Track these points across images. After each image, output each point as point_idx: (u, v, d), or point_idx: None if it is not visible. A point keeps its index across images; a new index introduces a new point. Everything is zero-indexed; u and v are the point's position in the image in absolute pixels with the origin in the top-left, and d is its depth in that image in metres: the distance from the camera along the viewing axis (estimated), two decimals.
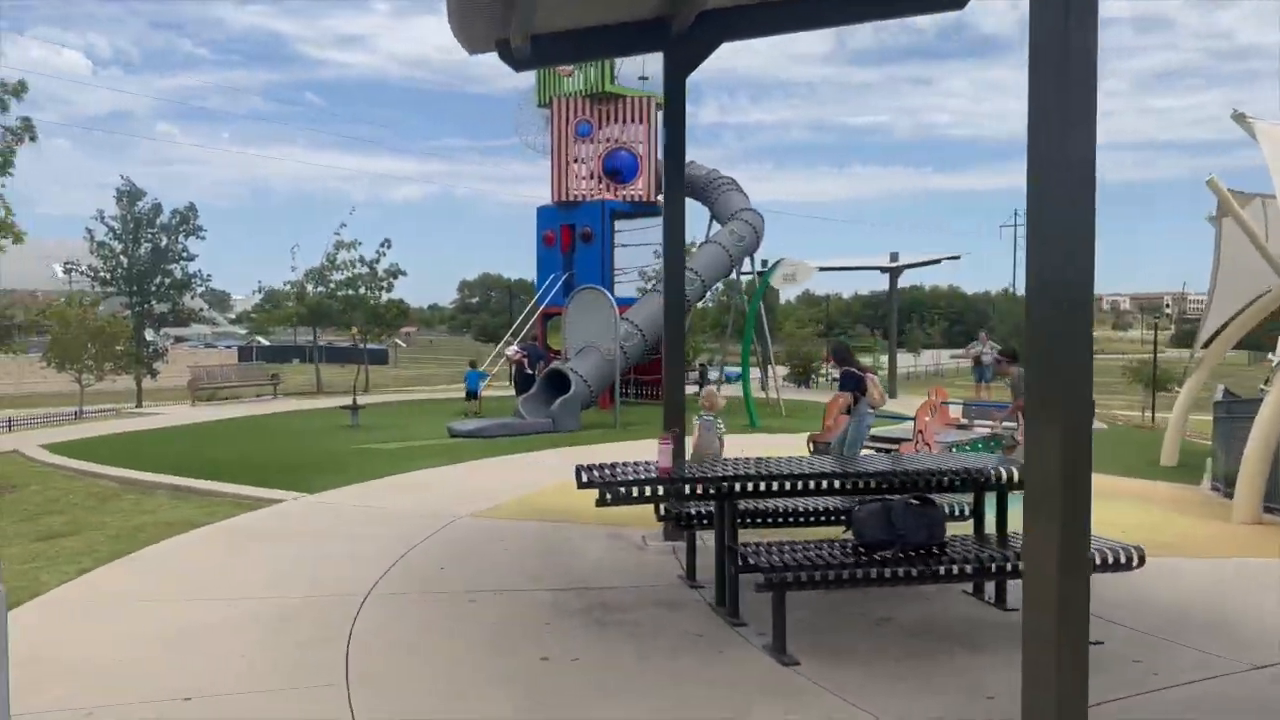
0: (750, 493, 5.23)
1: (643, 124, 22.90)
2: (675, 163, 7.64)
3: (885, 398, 9.48)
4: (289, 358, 69.61)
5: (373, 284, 28.25)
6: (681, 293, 7.49)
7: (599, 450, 14.29)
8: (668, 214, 7.50)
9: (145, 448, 15.15)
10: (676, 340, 7.56)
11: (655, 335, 20.00)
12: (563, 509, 9.10)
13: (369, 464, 12.44)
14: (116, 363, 26.58)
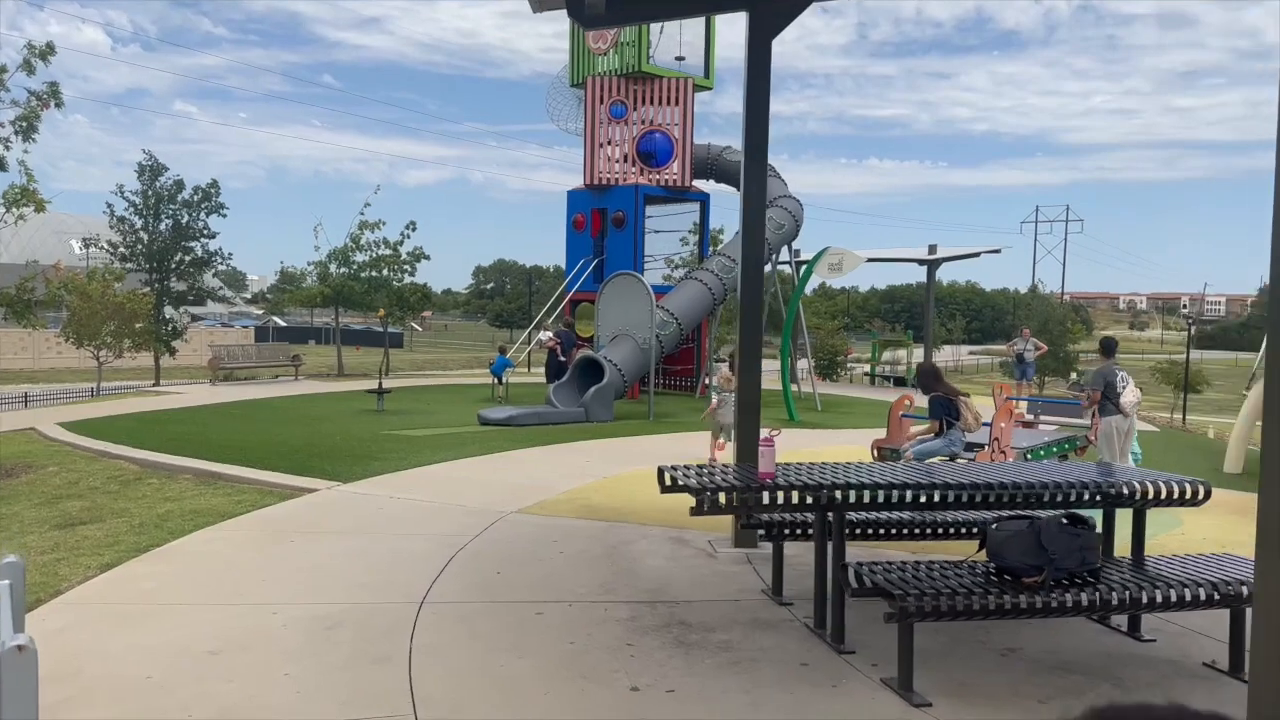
0: (866, 504, 4.60)
1: (678, 106, 22.19)
2: (756, 140, 6.93)
3: (980, 421, 8.82)
4: (305, 339, 69.34)
5: (396, 266, 27.69)
6: (760, 278, 6.85)
7: (637, 444, 13.69)
8: (748, 197, 6.82)
9: (166, 428, 14.63)
10: (754, 329, 6.91)
11: (690, 324, 19.38)
12: (615, 507, 8.50)
13: (400, 452, 11.87)
14: (135, 340, 26.15)
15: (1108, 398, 9.73)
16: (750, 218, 6.73)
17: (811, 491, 4.58)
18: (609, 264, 22.37)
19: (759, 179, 6.81)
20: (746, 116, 6.72)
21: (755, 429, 6.83)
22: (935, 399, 8.71)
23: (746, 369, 6.92)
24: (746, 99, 6.78)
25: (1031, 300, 45.01)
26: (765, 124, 6.81)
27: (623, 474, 10.50)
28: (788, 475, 4.83)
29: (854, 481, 4.59)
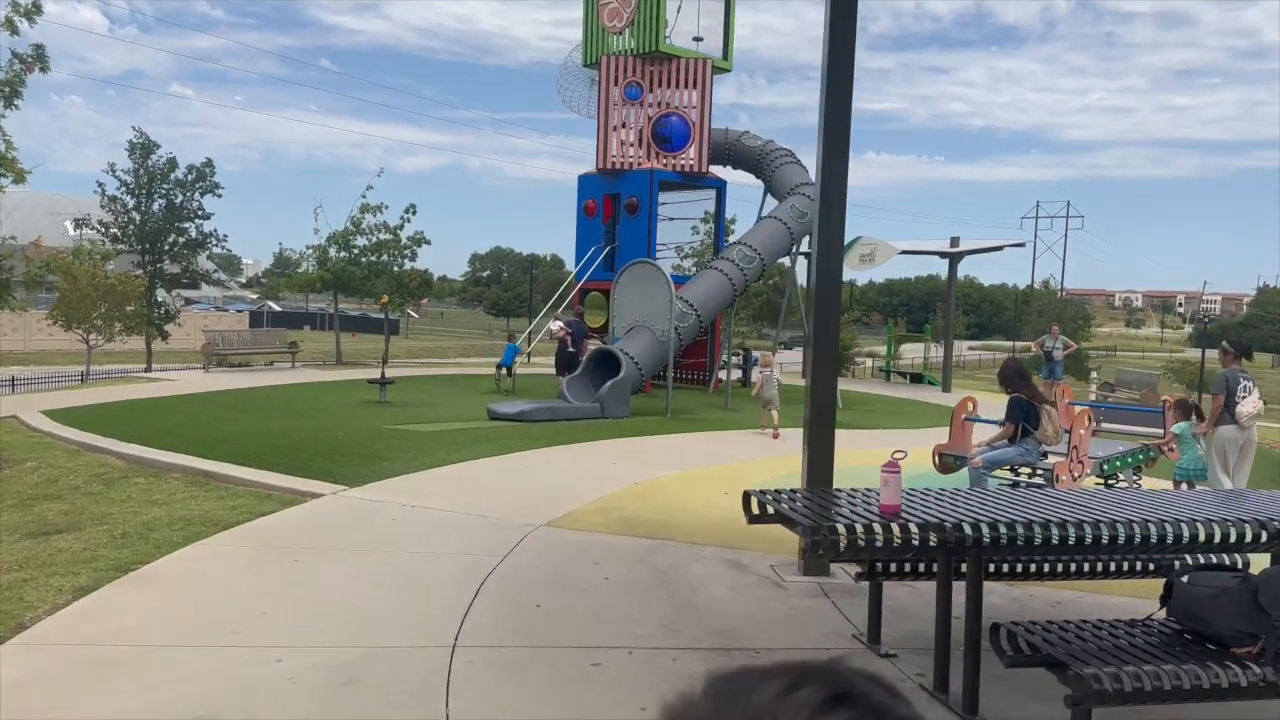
0: (1017, 545, 3.72)
1: (696, 88, 21.25)
2: (837, 108, 5.91)
3: (1061, 433, 7.95)
4: (301, 324, 68.36)
5: (396, 251, 26.71)
6: (838, 271, 5.95)
7: (660, 443, 12.82)
8: (827, 175, 5.87)
9: (156, 418, 13.72)
10: (828, 321, 5.99)
11: (710, 316, 18.50)
12: (655, 520, 7.63)
13: (409, 450, 10.98)
14: (127, 323, 25.20)
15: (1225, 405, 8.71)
16: (829, 197, 5.82)
17: (951, 534, 3.69)
18: (621, 252, 21.45)
19: (839, 152, 5.88)
20: (827, 78, 5.79)
21: (829, 441, 5.95)
22: (1015, 401, 7.85)
23: (821, 373, 6.03)
24: (827, 59, 5.85)
25: (1044, 297, 44.13)
26: (848, 83, 5.86)
27: (654, 479, 9.63)
28: (928, 514, 3.93)
29: (1005, 520, 3.71)
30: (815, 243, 5.90)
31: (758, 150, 22.24)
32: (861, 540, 3.61)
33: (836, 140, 5.76)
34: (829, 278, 5.86)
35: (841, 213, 5.87)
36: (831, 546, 3.59)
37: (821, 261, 5.83)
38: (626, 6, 21.28)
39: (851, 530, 3.62)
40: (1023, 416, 7.77)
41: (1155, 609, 3.78)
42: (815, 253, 5.87)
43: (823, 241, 5.82)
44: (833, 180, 5.79)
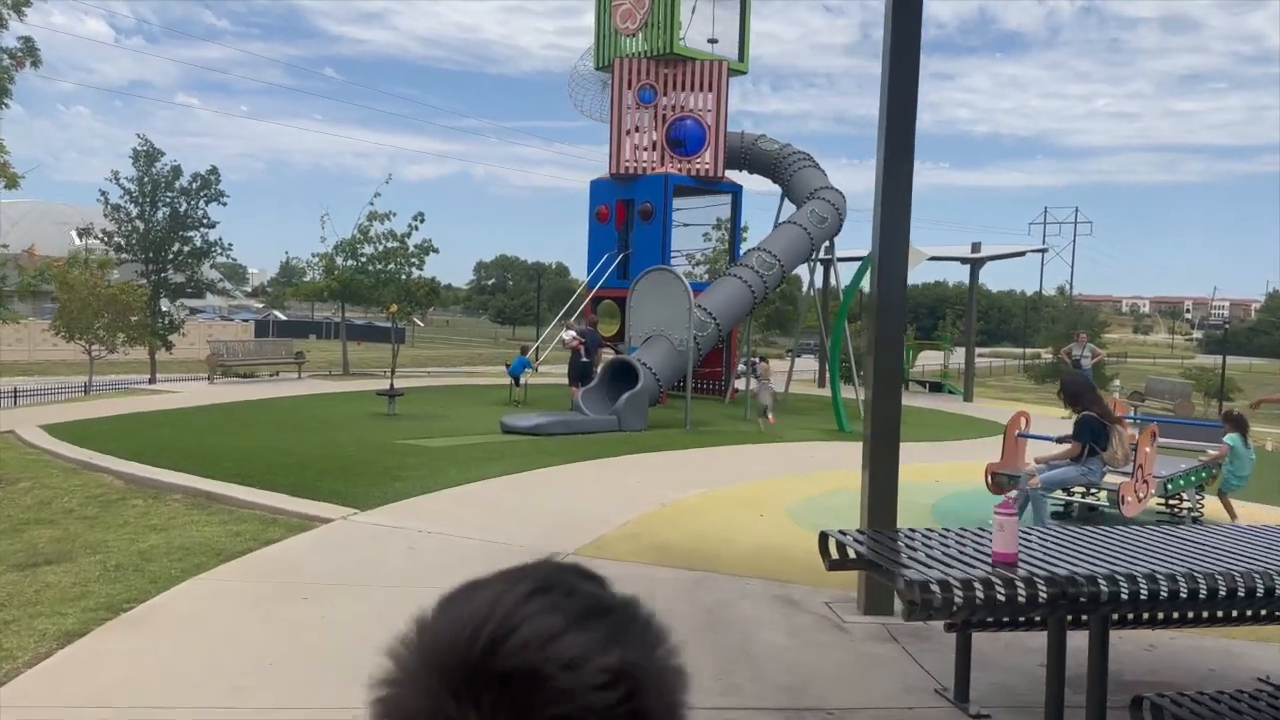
0: (1159, 600, 3.16)
1: (711, 91, 20.73)
2: (901, 101, 5.30)
3: (1130, 456, 7.39)
4: (307, 333, 67.99)
5: (404, 259, 26.21)
6: (903, 271, 5.38)
7: (684, 459, 12.26)
8: (889, 172, 5.30)
9: (159, 433, 13.20)
10: (892, 334, 5.42)
11: (729, 324, 17.95)
12: (692, 548, 7.07)
13: (422, 468, 10.44)
14: (130, 334, 24.72)
15: None
16: (893, 202, 5.24)
17: (1085, 590, 3.12)
18: (635, 258, 20.92)
19: (903, 153, 5.30)
20: (889, 74, 5.23)
21: (892, 466, 5.38)
22: (1085, 420, 7.28)
23: (884, 391, 5.45)
24: (889, 53, 5.29)
25: (1057, 304, 43.48)
26: (913, 78, 5.30)
27: (683, 499, 9.07)
28: (1044, 570, 3.36)
29: (1143, 571, 3.15)
30: (877, 250, 5.34)
31: (775, 154, 21.70)
32: (979, 598, 3.05)
33: (899, 140, 5.22)
34: (893, 287, 5.30)
35: (905, 219, 5.31)
36: (943, 607, 3.04)
37: (885, 270, 5.28)
38: (640, 8, 20.78)
39: (968, 587, 3.06)
40: (1092, 436, 7.21)
41: None
42: (878, 260, 5.31)
43: (886, 249, 5.27)
44: (896, 184, 5.24)
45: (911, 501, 9.46)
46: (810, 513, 8.62)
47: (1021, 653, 4.73)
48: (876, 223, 5.31)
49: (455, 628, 0.63)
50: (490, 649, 0.60)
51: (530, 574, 0.67)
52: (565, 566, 0.69)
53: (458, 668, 0.60)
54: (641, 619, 0.67)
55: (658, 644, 0.67)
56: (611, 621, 0.64)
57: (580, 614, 0.63)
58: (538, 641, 0.60)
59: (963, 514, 8.95)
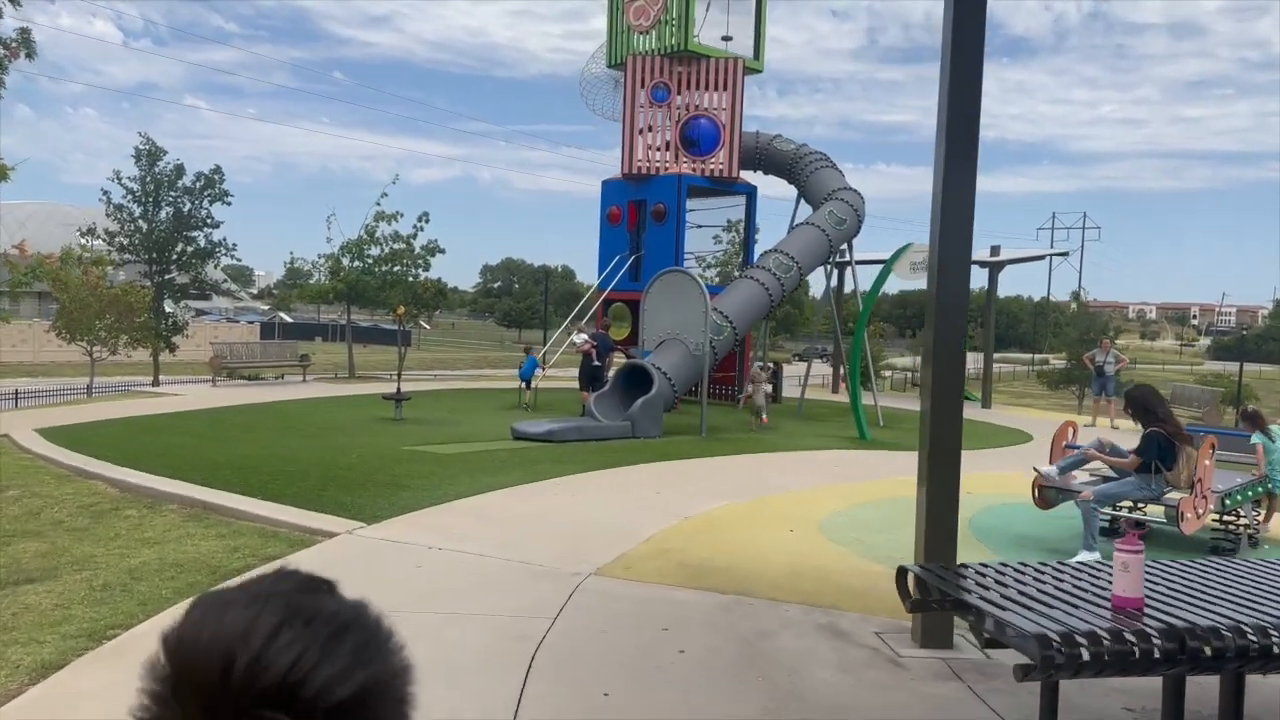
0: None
1: (726, 90, 20.25)
2: (964, 88, 4.77)
3: (1194, 480, 6.89)
4: (312, 335, 67.67)
5: (410, 260, 25.76)
6: (964, 275, 4.87)
7: (702, 468, 11.77)
8: (951, 169, 4.76)
9: (158, 438, 12.76)
10: (952, 343, 4.90)
11: (745, 328, 17.46)
12: (722, 566, 6.58)
13: (431, 477, 9.96)
14: (133, 335, 24.30)
15: None
16: (954, 201, 4.73)
17: (1232, 644, 2.62)
18: (647, 260, 20.46)
19: (964, 150, 4.79)
20: (951, 59, 4.74)
21: (953, 488, 4.88)
22: (1153, 436, 6.76)
23: (943, 405, 4.93)
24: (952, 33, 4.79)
25: (1071, 310, 42.92)
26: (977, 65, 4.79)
27: (706, 512, 8.58)
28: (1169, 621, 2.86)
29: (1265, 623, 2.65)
30: (937, 251, 4.84)
31: (791, 154, 21.21)
32: (1107, 655, 2.56)
33: (962, 135, 4.72)
34: (955, 291, 4.81)
35: (968, 219, 4.82)
36: (1067, 665, 2.54)
37: (946, 273, 4.78)
38: (654, 4, 20.33)
39: (1094, 641, 2.57)
40: (1158, 455, 6.70)
41: None
42: (938, 263, 4.82)
43: (947, 250, 4.78)
44: (959, 180, 4.74)
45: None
46: (843, 527, 8.13)
47: (1103, 693, 4.24)
48: (935, 224, 4.82)
49: (209, 659, 0.67)
50: (246, 683, 0.65)
51: (275, 598, 0.71)
52: (303, 583, 0.75)
53: (216, 697, 0.65)
54: (377, 630, 0.74)
55: (393, 651, 0.74)
56: (353, 642, 0.71)
57: (325, 640, 0.69)
58: (293, 676, 0.66)
59: (1002, 529, 8.46)
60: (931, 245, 4.94)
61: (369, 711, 0.69)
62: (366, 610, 0.75)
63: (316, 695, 0.66)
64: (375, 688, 0.70)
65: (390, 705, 0.72)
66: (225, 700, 0.65)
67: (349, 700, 0.67)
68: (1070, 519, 8.38)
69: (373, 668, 0.70)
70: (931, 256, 4.89)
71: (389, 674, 0.72)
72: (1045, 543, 7.93)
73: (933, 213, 4.92)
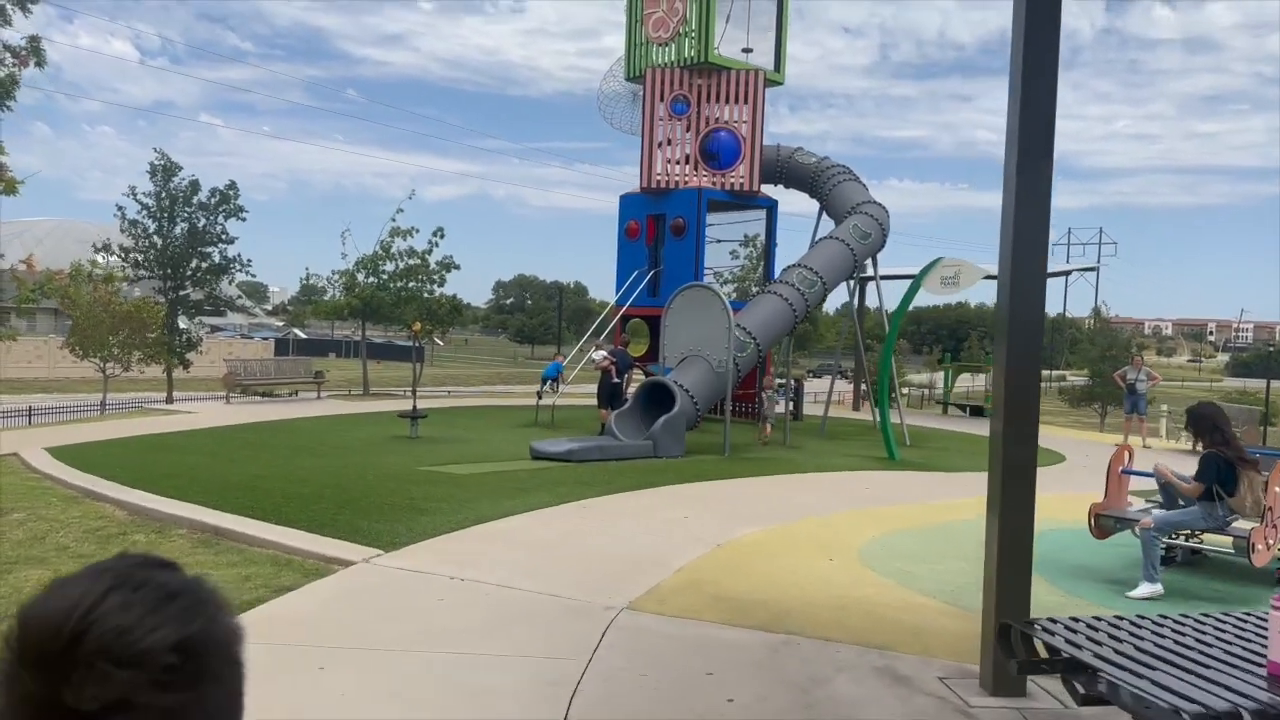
0: None
1: (747, 103, 19.94)
2: (1038, 79, 4.33)
3: (1260, 505, 6.47)
4: (326, 351, 67.62)
5: (425, 276, 25.50)
6: (1040, 285, 4.46)
7: (729, 490, 11.36)
8: (1025, 169, 4.35)
9: (169, 457, 12.45)
10: (1027, 360, 4.49)
11: (769, 344, 17.06)
12: (762, 599, 6.17)
13: (450, 499, 9.59)
14: (147, 351, 24.11)
15: None
16: (1028, 207, 4.32)
17: None
18: (666, 275, 20.12)
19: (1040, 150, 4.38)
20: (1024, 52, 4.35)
21: (1027, 520, 4.46)
22: (1211, 458, 6.36)
23: (1017, 428, 4.52)
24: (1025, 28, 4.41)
25: (1096, 325, 42.24)
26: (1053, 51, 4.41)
27: (738, 538, 8.18)
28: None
29: None
30: (1008, 261, 4.45)
31: (812, 168, 20.87)
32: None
33: (1036, 132, 4.33)
34: (1028, 306, 4.41)
35: (1044, 227, 4.43)
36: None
37: (1019, 283, 4.39)
38: (673, 16, 20.07)
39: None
40: (1217, 478, 6.29)
41: None
42: (1009, 274, 4.43)
43: (1019, 259, 4.38)
44: (1033, 189, 4.36)
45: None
46: (884, 556, 7.71)
47: None
48: (1007, 234, 4.43)
49: (45, 624, 0.75)
50: (74, 641, 0.73)
51: (109, 570, 0.80)
52: (140, 561, 0.83)
53: (54, 656, 0.73)
54: (205, 597, 0.81)
55: (220, 615, 0.81)
56: (179, 604, 0.78)
57: (152, 603, 0.77)
58: (112, 632, 0.73)
59: (1055, 559, 8.01)
60: (1003, 257, 4.56)
61: (198, 666, 0.76)
62: (199, 583, 0.83)
63: (144, 650, 0.74)
64: (201, 645, 0.77)
65: (220, 663, 0.79)
66: (62, 659, 0.73)
67: (175, 653, 0.75)
68: (1123, 546, 7.95)
69: (195, 626, 0.77)
70: (1004, 269, 4.50)
71: (216, 634, 0.79)
72: (1102, 573, 7.49)
73: (1003, 223, 4.53)
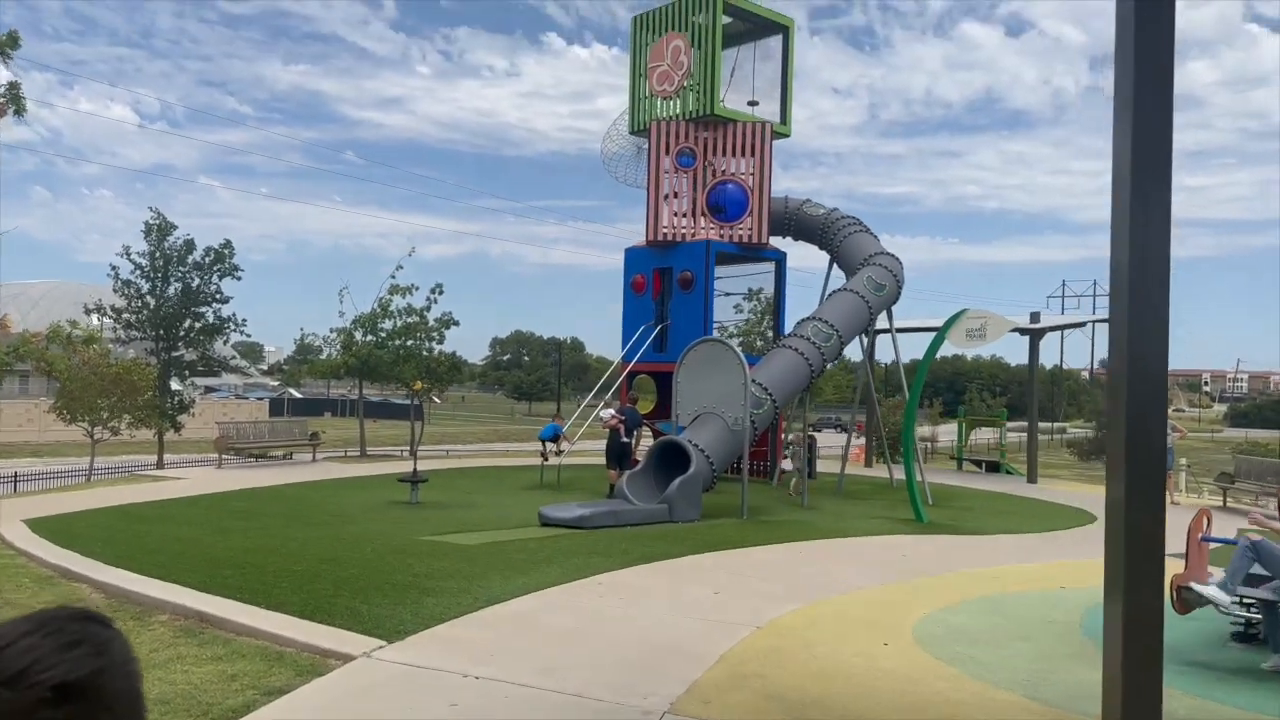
0: None
1: (754, 155, 19.55)
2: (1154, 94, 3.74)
3: None
4: (322, 411, 66.76)
5: (424, 334, 24.92)
6: (1162, 331, 3.85)
7: (753, 559, 10.60)
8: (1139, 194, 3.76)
9: (156, 529, 11.70)
10: (1151, 416, 3.82)
11: (785, 401, 16.40)
12: (816, 699, 5.41)
13: (458, 575, 8.82)
14: (137, 414, 23.37)
15: None
16: (1147, 242, 3.70)
17: None
18: (674, 330, 19.54)
19: (1157, 174, 3.78)
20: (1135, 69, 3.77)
21: (1156, 601, 3.76)
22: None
23: (1141, 493, 3.83)
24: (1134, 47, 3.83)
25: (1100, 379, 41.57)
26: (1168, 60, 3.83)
27: (779, 619, 7.41)
28: None
29: None
30: (1124, 305, 3.81)
31: (822, 219, 20.43)
32: None
33: (1153, 155, 3.74)
34: (1151, 353, 3.76)
35: (1164, 263, 3.81)
36: None
37: (1139, 326, 3.75)
38: (678, 69, 19.77)
39: None
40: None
41: None
42: (1127, 320, 3.79)
43: (1139, 302, 3.75)
44: (1151, 216, 3.75)
45: (1048, 619, 7.80)
46: (942, 639, 6.96)
47: None
48: (1123, 274, 3.80)
49: None
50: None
51: (40, 617, 0.93)
52: (71, 614, 0.95)
53: None
54: (112, 649, 0.93)
55: (123, 661, 0.94)
56: (77, 652, 0.90)
57: (59, 647, 0.89)
58: (12, 669, 0.86)
59: None
60: (1117, 297, 3.91)
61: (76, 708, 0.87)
62: (113, 639, 0.95)
63: (29, 683, 0.86)
64: (80, 691, 0.87)
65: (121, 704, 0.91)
66: None
67: (53, 691, 0.86)
68: (1198, 620, 7.22)
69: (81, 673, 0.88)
70: (1119, 310, 3.86)
71: (102, 685, 0.89)
72: (1182, 652, 6.73)
73: (1113, 261, 3.90)
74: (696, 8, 19.66)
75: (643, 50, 20.56)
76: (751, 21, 20.67)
